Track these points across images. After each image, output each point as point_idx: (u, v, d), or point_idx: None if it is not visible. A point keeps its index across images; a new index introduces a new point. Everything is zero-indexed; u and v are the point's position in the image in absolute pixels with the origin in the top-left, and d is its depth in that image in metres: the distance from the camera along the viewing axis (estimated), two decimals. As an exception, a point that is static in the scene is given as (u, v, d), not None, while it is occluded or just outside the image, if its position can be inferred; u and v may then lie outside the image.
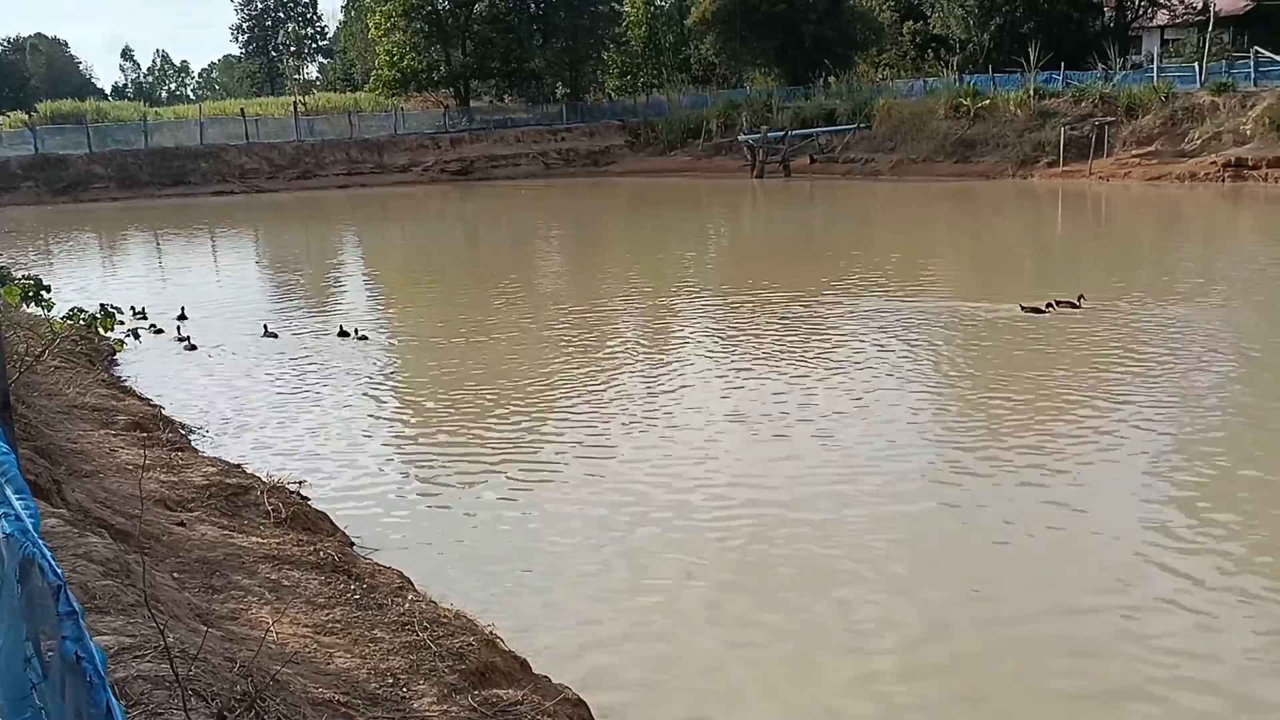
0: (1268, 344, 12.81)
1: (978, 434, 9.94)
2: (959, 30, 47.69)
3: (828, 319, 15.50)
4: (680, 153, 50.63)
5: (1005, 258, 22.24)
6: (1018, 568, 7.21)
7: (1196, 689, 5.70)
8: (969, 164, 38.37)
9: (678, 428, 10.56)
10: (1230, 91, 33.89)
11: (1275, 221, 25.88)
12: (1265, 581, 6.76)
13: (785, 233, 29.08)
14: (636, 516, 8.30)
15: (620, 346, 14.74)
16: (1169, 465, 8.96)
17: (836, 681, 5.92)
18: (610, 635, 6.54)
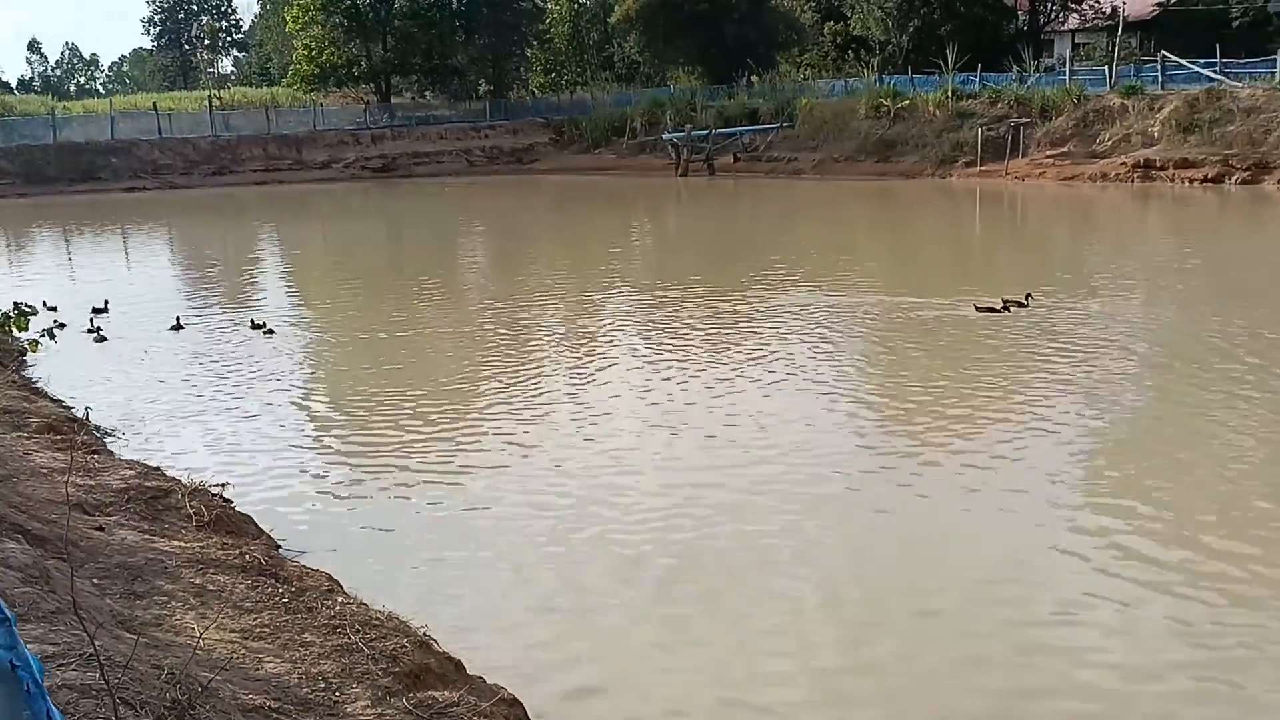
0: (1178, 337, 13.19)
1: (900, 428, 10.09)
2: (879, 32, 48.39)
3: (753, 314, 15.61)
4: (605, 151, 50.60)
5: (928, 256, 22.63)
6: (938, 560, 7.34)
7: (1091, 667, 5.85)
8: (890, 163, 38.97)
9: (606, 424, 10.55)
10: (1139, 94, 34.90)
11: (1182, 220, 26.73)
12: (1173, 566, 6.97)
13: (710, 230, 29.24)
14: (567, 514, 8.26)
15: (546, 343, 14.68)
16: (1084, 457, 9.18)
17: (771, 679, 5.95)
18: (545, 634, 6.50)
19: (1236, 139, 31.33)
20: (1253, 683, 5.69)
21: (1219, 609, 6.44)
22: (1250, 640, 6.08)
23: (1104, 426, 9.98)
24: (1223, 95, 32.67)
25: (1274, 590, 6.65)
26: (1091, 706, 5.57)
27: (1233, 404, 10.34)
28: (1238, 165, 30.81)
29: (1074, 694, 5.68)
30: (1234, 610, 6.41)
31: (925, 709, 5.63)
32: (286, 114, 54.57)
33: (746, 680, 5.92)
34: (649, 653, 6.27)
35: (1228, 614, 6.37)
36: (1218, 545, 7.27)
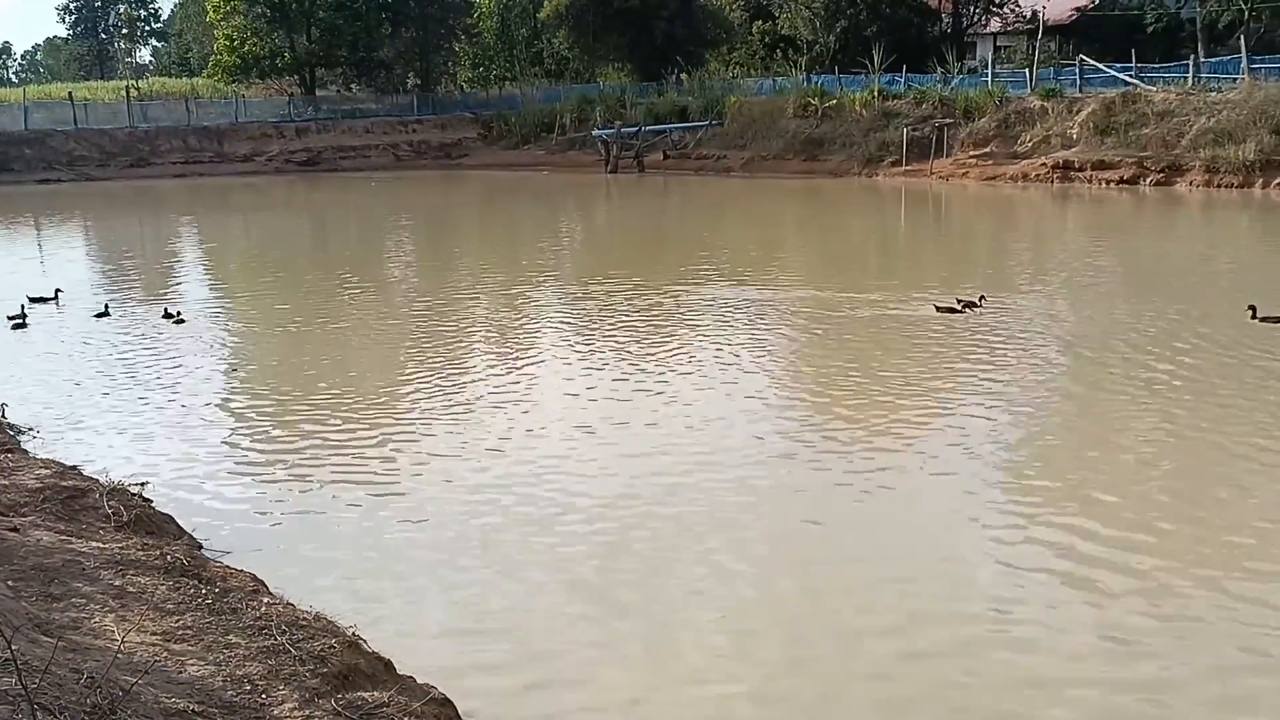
0: (1098, 332, 13.50)
1: (828, 423, 10.19)
2: (806, 31, 48.86)
3: (682, 310, 15.66)
4: (534, 146, 50.41)
5: (855, 253, 22.91)
6: (865, 555, 7.43)
7: (1011, 649, 5.97)
8: (818, 162, 39.37)
9: (534, 421, 10.49)
10: (1058, 97, 35.72)
11: (1099, 219, 27.41)
12: (1091, 553, 7.14)
13: (641, 226, 29.29)
14: (496, 511, 8.20)
15: (474, 338, 14.58)
16: (1008, 449, 9.36)
17: (700, 674, 5.96)
18: (475, 633, 6.44)
19: (1151, 142, 32.23)
20: (1173, 664, 5.86)
21: (1137, 594, 6.61)
22: (1170, 631, 6.26)
23: (1027, 419, 10.19)
24: (1138, 99, 33.59)
25: (1190, 577, 6.85)
26: (1025, 693, 5.68)
27: (1151, 395, 10.63)
28: (1152, 167, 31.70)
29: (1009, 680, 5.79)
30: (1151, 598, 6.60)
31: (860, 702, 5.70)
32: (207, 105, 53.49)
33: (679, 676, 5.92)
34: (581, 650, 6.25)
35: (1146, 602, 6.55)
36: (1132, 529, 7.47)
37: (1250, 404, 10.33)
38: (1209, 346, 12.57)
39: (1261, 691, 5.63)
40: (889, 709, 5.58)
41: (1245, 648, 6.02)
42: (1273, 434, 9.42)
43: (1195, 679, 5.75)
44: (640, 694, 5.79)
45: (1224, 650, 6.01)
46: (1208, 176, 30.36)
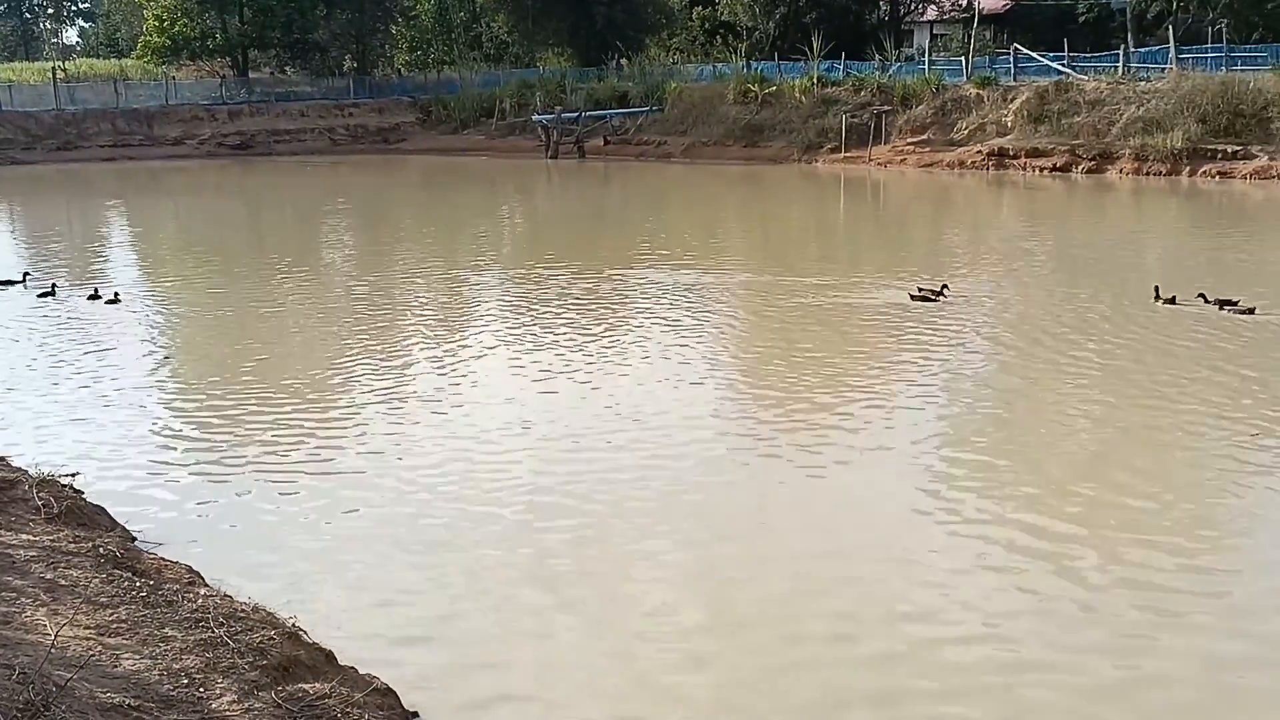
0: (1033, 314, 13.73)
1: (768, 405, 10.26)
2: (746, 18, 48.95)
3: (624, 293, 15.67)
4: (474, 131, 49.91)
5: (795, 238, 23.06)
6: (802, 541, 7.50)
7: (951, 635, 6.08)
8: (758, 148, 39.50)
9: (473, 406, 10.44)
10: (993, 85, 36.18)
11: (1034, 206, 27.88)
12: (1019, 541, 7.29)
13: (582, 212, 29.21)
14: (435, 498, 8.14)
15: (413, 322, 14.45)
16: (942, 433, 9.49)
17: (637, 659, 5.97)
18: (417, 622, 6.39)
19: (1082, 130, 32.79)
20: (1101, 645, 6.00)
21: (1063, 575, 6.76)
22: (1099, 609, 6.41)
23: (962, 403, 10.35)
24: (1070, 88, 34.14)
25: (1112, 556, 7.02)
26: (957, 678, 5.78)
27: (1084, 377, 10.85)
28: (1084, 155, 32.27)
29: (937, 667, 5.88)
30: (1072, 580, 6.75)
31: (802, 691, 5.75)
32: (137, 87, 52.18)
33: (620, 666, 5.92)
34: (522, 637, 6.23)
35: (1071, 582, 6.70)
36: (1069, 516, 7.63)
37: (1182, 386, 10.59)
38: (1137, 329, 12.85)
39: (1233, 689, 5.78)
40: (832, 704, 5.61)
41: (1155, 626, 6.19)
42: (1189, 414, 9.67)
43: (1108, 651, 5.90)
44: (583, 679, 5.79)
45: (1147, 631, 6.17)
46: (1137, 164, 30.97)
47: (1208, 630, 6.11)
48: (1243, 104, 30.54)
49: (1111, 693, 5.56)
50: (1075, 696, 5.51)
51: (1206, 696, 5.53)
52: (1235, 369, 11.09)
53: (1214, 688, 5.60)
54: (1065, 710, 5.42)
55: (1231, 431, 9.23)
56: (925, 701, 5.52)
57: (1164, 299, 13.82)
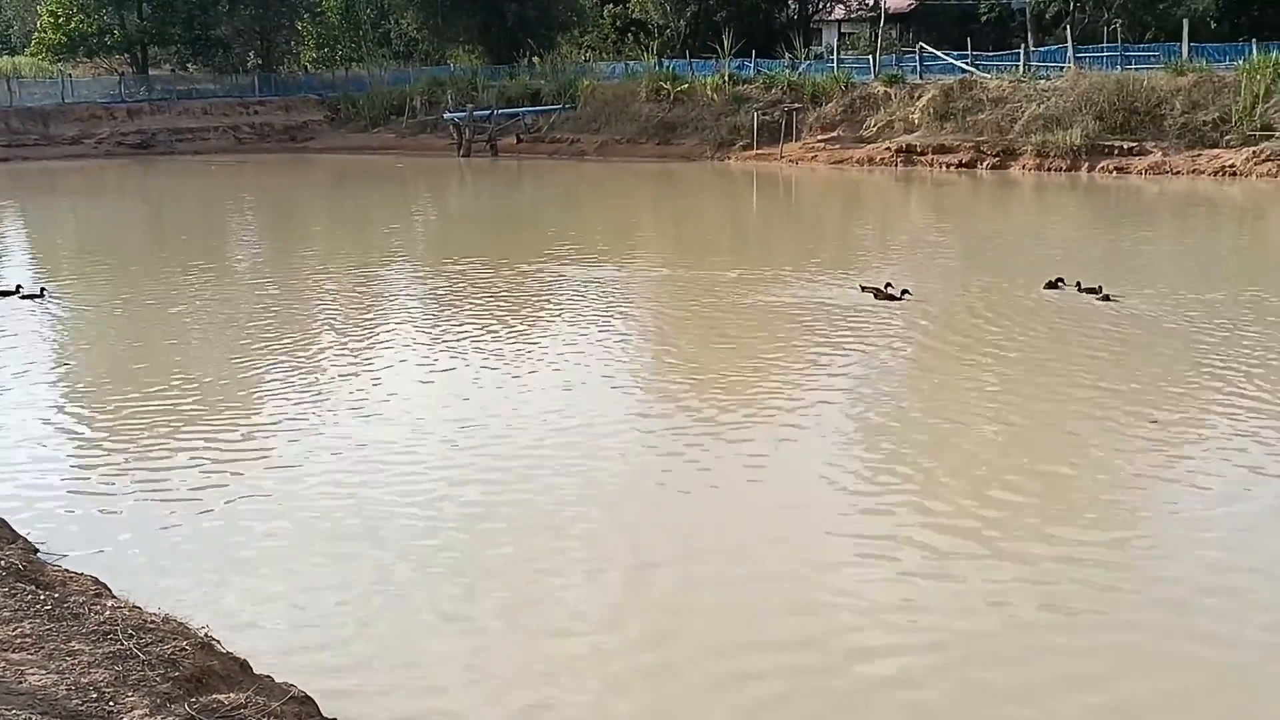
0: (942, 306, 14.02)
1: (685, 402, 10.31)
2: (657, 16, 49.12)
3: (539, 290, 15.63)
4: (384, 130, 49.19)
5: (711, 234, 23.20)
6: (723, 535, 7.56)
7: (867, 625, 6.19)
8: (671, 146, 39.63)
9: (387, 407, 10.30)
10: (900, 83, 36.81)
11: (941, 201, 28.46)
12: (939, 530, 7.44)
13: (496, 209, 29.01)
14: (349, 503, 8.01)
15: (322, 323, 14.19)
16: (856, 427, 9.65)
17: (555, 663, 5.94)
18: (334, 628, 6.28)
19: (986, 127, 33.55)
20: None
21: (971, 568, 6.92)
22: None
23: (875, 396, 10.52)
24: (974, 86, 34.91)
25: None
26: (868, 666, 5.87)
27: (997, 368, 11.11)
28: (988, 151, 33.02)
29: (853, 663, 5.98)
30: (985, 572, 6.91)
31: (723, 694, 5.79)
32: (30, 85, 50.29)
33: (538, 668, 5.88)
34: (442, 641, 6.16)
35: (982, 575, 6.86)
36: (979, 509, 7.81)
37: (1082, 373, 10.91)
38: (1040, 319, 13.20)
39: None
40: (751, 707, 5.63)
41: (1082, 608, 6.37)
42: (1095, 401, 9.98)
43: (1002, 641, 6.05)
44: (502, 683, 5.75)
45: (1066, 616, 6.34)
46: (1039, 160, 31.81)
47: (1111, 612, 6.31)
48: (1137, 102, 31.56)
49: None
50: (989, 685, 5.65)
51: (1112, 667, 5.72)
52: (1128, 356, 11.46)
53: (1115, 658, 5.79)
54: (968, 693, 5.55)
55: (1132, 418, 9.55)
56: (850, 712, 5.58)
57: (1068, 286, 14.27)
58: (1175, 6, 41.17)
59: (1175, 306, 13.73)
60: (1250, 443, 8.89)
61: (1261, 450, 8.72)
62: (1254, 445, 8.83)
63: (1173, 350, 11.77)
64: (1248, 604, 6.34)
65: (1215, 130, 30.22)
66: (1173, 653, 5.88)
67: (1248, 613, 6.24)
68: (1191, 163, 29.78)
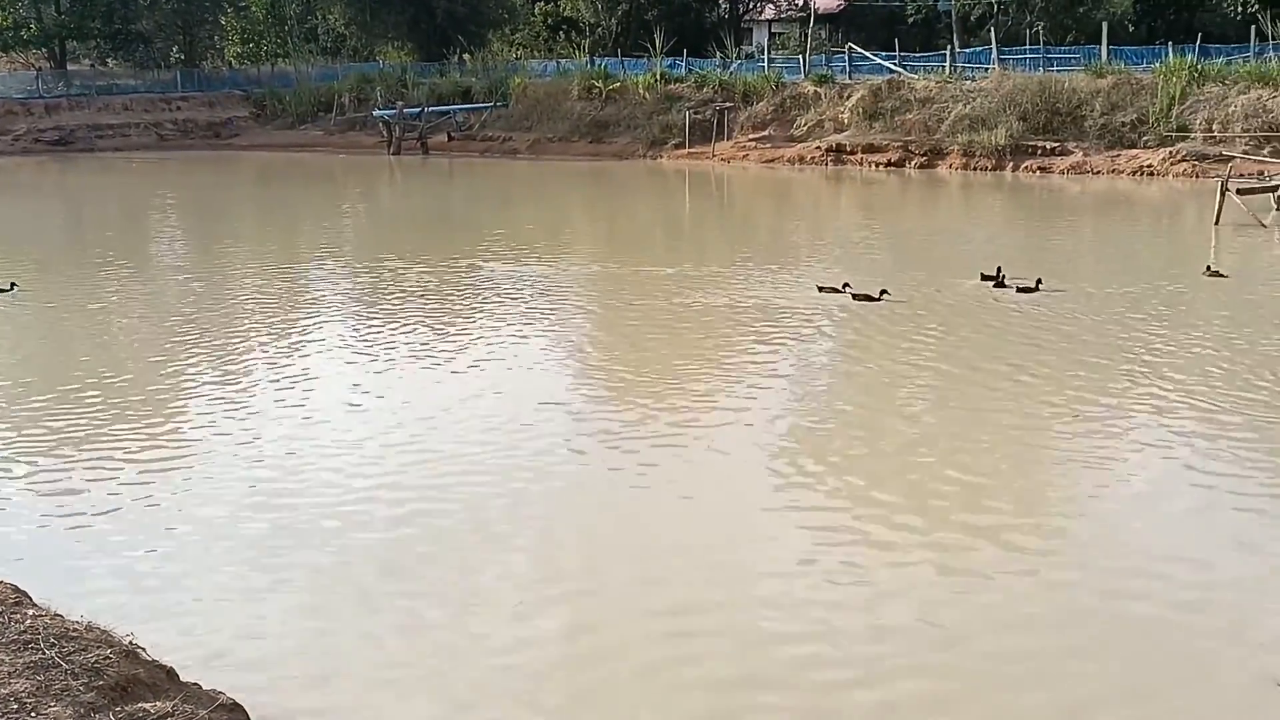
0: (875, 306, 14.21)
1: (616, 399, 10.32)
2: (588, 14, 49.12)
3: (470, 288, 15.53)
4: (311, 127, 48.48)
5: (644, 232, 23.25)
6: (649, 532, 7.58)
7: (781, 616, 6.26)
8: (603, 144, 39.63)
9: (314, 408, 10.17)
10: (830, 83, 37.23)
11: (871, 199, 28.85)
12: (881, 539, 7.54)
13: (428, 207, 28.75)
14: (276, 504, 7.89)
15: (247, 323, 13.96)
16: (786, 426, 9.74)
17: (486, 665, 5.90)
18: (262, 633, 6.19)
19: (914, 126, 34.07)
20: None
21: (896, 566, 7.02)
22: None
23: (803, 392, 10.62)
24: (902, 86, 35.43)
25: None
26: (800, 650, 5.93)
27: (925, 363, 11.28)
28: (916, 151, 33.53)
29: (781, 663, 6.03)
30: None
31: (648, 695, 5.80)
32: (-57, 80, 48.83)
33: (472, 672, 5.84)
34: (372, 644, 6.09)
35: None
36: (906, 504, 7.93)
37: (1007, 367, 11.13)
38: (965, 313, 13.44)
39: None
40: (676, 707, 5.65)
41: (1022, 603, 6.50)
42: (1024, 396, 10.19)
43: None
44: (433, 686, 5.70)
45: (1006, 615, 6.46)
46: (965, 159, 32.39)
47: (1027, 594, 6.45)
48: (1059, 102, 32.28)
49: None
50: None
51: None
52: (1052, 349, 11.72)
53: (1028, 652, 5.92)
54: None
55: (1053, 411, 9.77)
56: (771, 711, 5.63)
57: (1009, 281, 14.72)
58: (1094, 10, 42.22)
59: (1098, 301, 14.06)
60: (1169, 434, 9.14)
61: (1180, 442, 8.97)
62: (1173, 436, 9.09)
63: (1094, 343, 12.04)
64: (1171, 587, 6.51)
65: (1133, 131, 31.05)
66: (1092, 637, 6.04)
67: (1172, 595, 6.41)
68: (1111, 163, 30.55)
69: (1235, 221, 20.35)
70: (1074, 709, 5.38)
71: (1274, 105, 29.28)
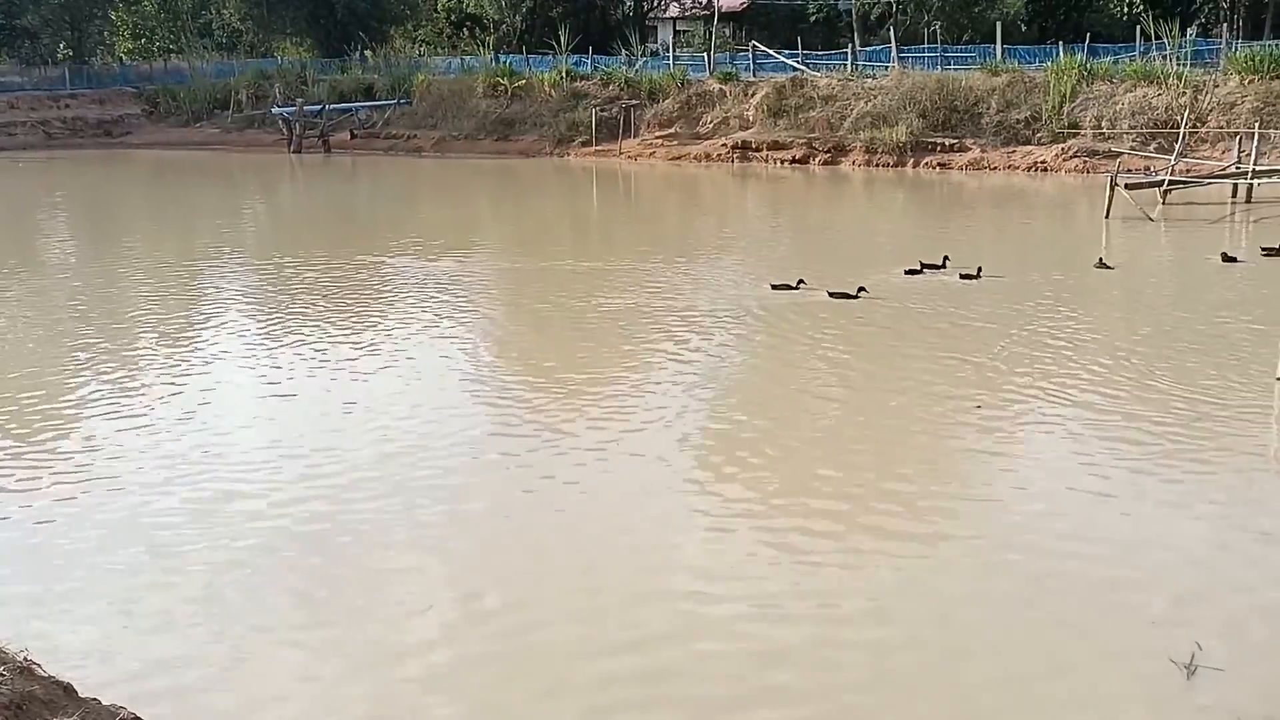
0: (784, 299, 14.36)
1: (521, 392, 10.26)
2: (492, 11, 48.71)
3: (374, 286, 15.33)
4: (207, 124, 47.23)
5: (551, 229, 23.15)
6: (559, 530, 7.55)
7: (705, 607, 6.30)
8: (509, 142, 39.40)
9: (212, 412, 9.90)
10: (734, 81, 37.54)
11: (777, 195, 29.23)
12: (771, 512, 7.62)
13: (330, 206, 28.21)
14: (174, 514, 7.66)
15: (145, 324, 13.55)
16: (694, 420, 9.79)
17: (389, 676, 5.80)
18: (162, 646, 6.00)
19: (818, 124, 34.56)
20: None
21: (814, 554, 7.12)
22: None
23: (708, 387, 10.69)
24: (805, 84, 35.90)
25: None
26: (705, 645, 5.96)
27: (824, 357, 11.44)
28: (820, 147, 34.01)
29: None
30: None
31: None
32: None
33: (373, 683, 5.74)
34: (272, 656, 5.95)
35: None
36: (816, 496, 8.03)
37: (909, 361, 11.35)
38: (866, 308, 13.68)
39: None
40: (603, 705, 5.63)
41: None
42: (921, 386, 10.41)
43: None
44: (335, 698, 5.59)
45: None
46: (868, 156, 32.96)
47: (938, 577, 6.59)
48: (957, 100, 33.05)
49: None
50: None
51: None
52: (955, 340, 12.00)
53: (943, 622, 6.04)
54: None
55: (957, 404, 10.00)
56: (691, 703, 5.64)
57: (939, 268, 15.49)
58: (989, 10, 43.31)
59: (1001, 292, 14.43)
60: (1063, 419, 9.43)
61: (1076, 424, 9.25)
62: (1069, 421, 9.37)
63: (998, 332, 12.36)
64: (1073, 563, 6.71)
65: (1028, 128, 31.94)
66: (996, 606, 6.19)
67: (1079, 571, 6.60)
68: (1007, 159, 31.39)
69: (1124, 215, 21.08)
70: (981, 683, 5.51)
71: (1159, 103, 30.40)
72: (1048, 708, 5.36)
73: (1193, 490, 7.90)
